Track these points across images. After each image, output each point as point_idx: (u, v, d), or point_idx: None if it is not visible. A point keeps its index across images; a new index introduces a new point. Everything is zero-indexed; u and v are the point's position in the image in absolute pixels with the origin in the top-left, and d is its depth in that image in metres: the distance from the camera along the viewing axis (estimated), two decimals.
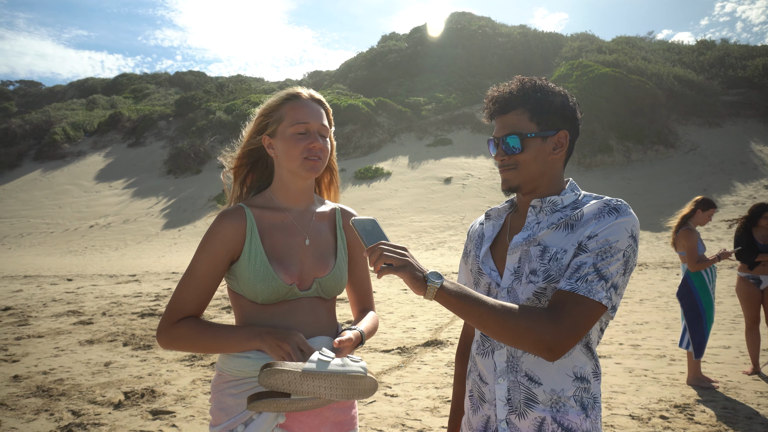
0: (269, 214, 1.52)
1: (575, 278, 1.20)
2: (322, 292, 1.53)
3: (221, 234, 1.45)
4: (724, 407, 4.01)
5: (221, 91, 40.05)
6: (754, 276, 4.94)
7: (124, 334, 6.75)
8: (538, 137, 1.32)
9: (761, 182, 18.49)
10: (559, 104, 1.34)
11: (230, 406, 1.45)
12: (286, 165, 1.51)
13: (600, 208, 1.27)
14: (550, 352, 1.16)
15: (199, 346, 1.44)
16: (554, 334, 1.15)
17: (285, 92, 1.53)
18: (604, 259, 1.21)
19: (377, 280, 6.66)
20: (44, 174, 33.89)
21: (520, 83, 1.35)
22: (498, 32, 36.34)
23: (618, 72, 24.36)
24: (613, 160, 22.03)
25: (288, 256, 1.50)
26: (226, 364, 1.47)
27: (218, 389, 1.49)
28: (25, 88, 57.57)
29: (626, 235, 1.23)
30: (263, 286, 1.44)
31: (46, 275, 14.09)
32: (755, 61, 26.32)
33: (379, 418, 3.93)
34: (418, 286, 1.15)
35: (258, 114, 1.56)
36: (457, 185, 22.16)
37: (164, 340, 1.45)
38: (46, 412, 4.12)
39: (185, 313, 1.46)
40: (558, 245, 1.27)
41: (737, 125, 23.30)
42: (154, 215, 25.19)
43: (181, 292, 1.46)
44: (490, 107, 1.38)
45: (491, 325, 1.17)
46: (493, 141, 1.38)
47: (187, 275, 1.46)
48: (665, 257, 12.42)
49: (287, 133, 1.49)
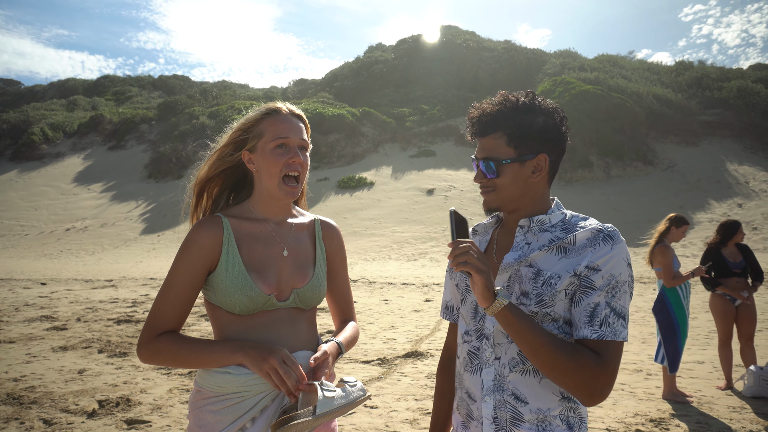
0: (247, 225, 1.51)
1: (597, 324, 1.22)
2: (300, 303, 1.52)
3: (198, 243, 1.44)
4: (698, 422, 4.08)
5: (205, 97, 39.80)
6: (729, 294, 5.00)
7: (99, 341, 6.62)
8: (516, 162, 1.31)
9: (735, 200, 18.95)
10: (539, 126, 1.31)
11: (210, 423, 1.41)
12: (266, 182, 1.51)
13: (594, 235, 1.27)
14: (591, 398, 1.21)
15: (181, 361, 1.42)
16: (598, 382, 1.19)
17: (265, 107, 1.53)
18: (614, 296, 1.23)
19: (366, 289, 6.63)
20: (20, 175, 33.20)
21: (502, 104, 1.33)
22: (483, 46, 36.84)
23: (599, 89, 24.87)
24: (594, 175, 22.41)
25: (266, 266, 1.49)
26: (205, 380, 1.44)
27: (197, 406, 1.45)
28: (3, 87, 56.43)
29: (625, 265, 1.26)
30: (241, 295, 1.42)
31: (18, 278, 13.76)
32: (731, 83, 27.12)
33: (358, 429, 3.92)
34: (488, 297, 1.19)
35: (236, 128, 1.54)
36: (439, 197, 22.29)
37: (145, 355, 1.42)
38: (17, 420, 4.01)
39: (166, 326, 1.43)
40: (552, 270, 1.27)
41: (713, 144, 23.90)
42: (133, 220, 24.82)
43: (160, 305, 1.43)
44: (470, 127, 1.37)
45: (542, 357, 1.20)
46: (475, 161, 1.39)
47: (165, 287, 1.44)
48: (642, 272, 12.62)
49: (267, 148, 1.49)
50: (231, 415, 1.40)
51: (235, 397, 1.40)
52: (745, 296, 4.92)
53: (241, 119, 1.55)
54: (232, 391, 1.40)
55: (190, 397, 1.51)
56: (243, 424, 1.40)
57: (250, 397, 1.40)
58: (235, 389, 1.40)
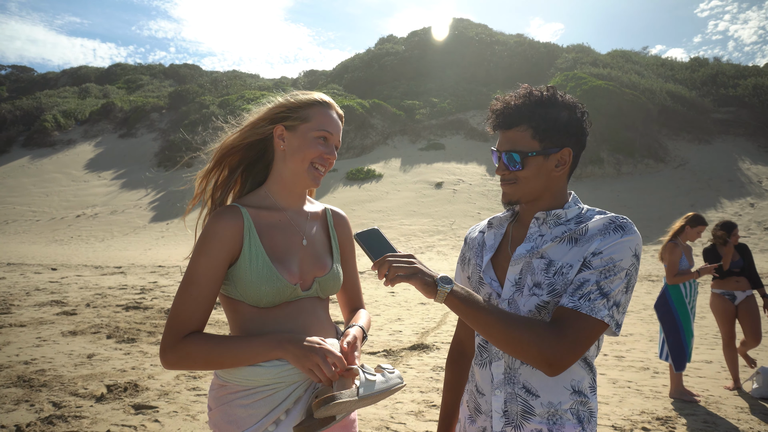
0: (265, 214, 1.48)
1: (578, 296, 1.21)
2: (321, 292, 1.52)
3: (219, 235, 1.38)
4: (704, 421, 4.06)
5: (216, 86, 39.86)
6: (728, 292, 5.00)
7: (108, 327, 6.68)
8: (540, 155, 1.31)
9: (747, 200, 18.74)
10: (564, 120, 1.31)
11: (242, 417, 1.37)
12: (293, 164, 1.48)
13: (606, 225, 1.27)
14: (551, 367, 1.17)
15: (213, 362, 1.35)
16: (556, 350, 1.16)
17: (317, 95, 1.52)
18: (607, 277, 1.21)
19: (373, 281, 6.66)
20: (32, 161, 33.49)
21: (526, 97, 1.32)
22: (495, 40, 36.54)
23: (612, 85, 24.61)
24: (604, 171, 22.23)
25: (288, 256, 1.46)
26: (232, 374, 1.38)
27: (224, 401, 1.40)
28: (17, 74, 56.88)
29: (630, 254, 1.24)
30: (268, 287, 1.38)
31: (30, 264, 13.92)
32: (746, 80, 26.72)
33: (363, 420, 3.93)
34: (429, 291, 1.20)
35: (279, 103, 1.51)
36: (448, 190, 22.23)
37: (171, 359, 1.34)
38: (27, 402, 4.06)
39: (191, 327, 1.36)
40: (563, 260, 1.27)
41: (726, 143, 23.62)
42: (143, 207, 24.98)
43: (183, 304, 1.36)
44: (493, 119, 1.36)
45: (495, 333, 1.19)
46: (496, 153, 1.37)
47: (186, 285, 1.36)
48: (651, 270, 12.54)
49: (310, 135, 1.47)
50: (264, 408, 1.36)
51: (267, 389, 1.37)
52: (747, 294, 4.92)
53: (285, 97, 1.52)
54: (264, 384, 1.36)
55: (211, 393, 1.45)
56: (277, 417, 1.37)
57: (283, 389, 1.37)
58: (266, 381, 1.36)
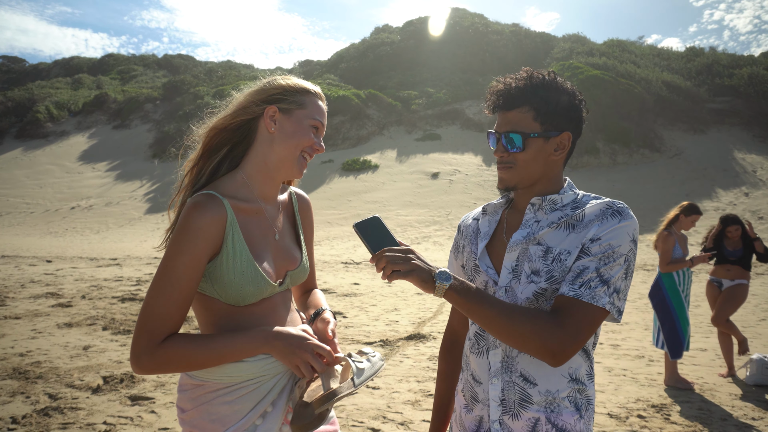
0: (244, 206, 1.37)
1: (578, 284, 1.20)
2: (291, 284, 1.49)
3: (204, 231, 1.26)
4: (699, 408, 4.09)
5: (210, 77, 39.55)
6: (717, 279, 5.16)
7: (103, 318, 6.66)
8: (541, 137, 1.29)
9: (742, 189, 18.81)
10: (565, 104, 1.30)
11: (226, 414, 1.31)
12: (283, 150, 1.40)
13: (603, 210, 1.26)
14: (554, 358, 1.16)
15: (194, 364, 1.27)
16: (559, 341, 1.15)
17: (310, 84, 1.48)
18: (606, 264, 1.20)
19: (370, 271, 6.64)
20: (25, 153, 33.22)
21: (528, 79, 1.30)
22: (491, 29, 36.35)
23: (607, 75, 24.56)
24: (599, 161, 22.24)
25: (264, 252, 1.40)
26: (211, 373, 1.31)
27: (203, 400, 1.32)
28: (8, 65, 56.22)
29: (628, 240, 1.22)
30: (252, 287, 1.31)
31: (24, 256, 13.84)
32: (742, 70, 26.69)
33: (360, 410, 3.94)
34: (428, 287, 1.17)
35: (276, 83, 1.44)
36: (444, 181, 22.20)
37: (148, 365, 1.23)
38: (22, 394, 4.05)
39: (168, 329, 1.25)
40: (561, 246, 1.26)
41: (721, 132, 23.64)
42: (138, 199, 24.86)
43: (160, 306, 1.23)
44: (493, 100, 1.33)
45: (497, 326, 1.18)
46: (494, 135, 1.34)
47: (164, 285, 1.24)
48: (646, 259, 12.59)
49: (306, 122, 1.42)
50: (250, 402, 1.32)
51: (252, 383, 1.32)
52: (734, 282, 5.01)
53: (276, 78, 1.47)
54: (248, 378, 1.32)
55: (184, 393, 1.36)
56: (264, 409, 1.33)
57: (267, 381, 1.34)
58: (251, 376, 1.32)
